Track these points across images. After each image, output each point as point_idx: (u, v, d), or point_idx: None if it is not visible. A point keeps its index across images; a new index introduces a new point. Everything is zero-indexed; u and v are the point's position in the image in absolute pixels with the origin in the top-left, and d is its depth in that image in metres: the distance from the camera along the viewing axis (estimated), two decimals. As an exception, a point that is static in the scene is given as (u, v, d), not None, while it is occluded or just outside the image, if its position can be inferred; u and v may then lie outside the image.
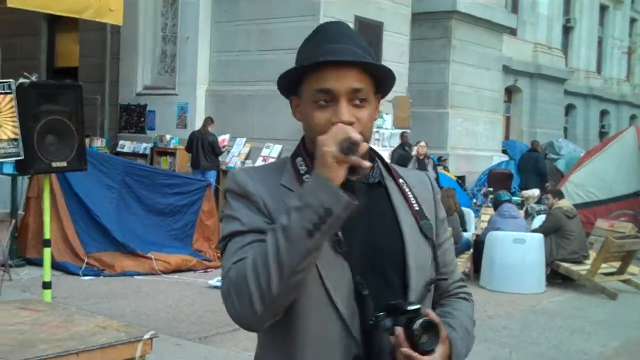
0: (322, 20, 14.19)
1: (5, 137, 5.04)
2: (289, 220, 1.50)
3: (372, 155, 1.74)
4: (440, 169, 15.58)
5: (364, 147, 1.51)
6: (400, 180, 1.77)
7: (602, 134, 34.31)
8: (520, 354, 6.56)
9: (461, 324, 1.77)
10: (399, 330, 1.56)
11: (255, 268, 1.51)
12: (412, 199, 1.76)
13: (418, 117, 17.60)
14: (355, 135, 1.51)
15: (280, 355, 1.66)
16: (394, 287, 1.67)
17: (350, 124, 1.59)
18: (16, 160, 5.27)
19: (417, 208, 1.75)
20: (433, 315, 1.59)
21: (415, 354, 1.54)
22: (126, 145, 15.84)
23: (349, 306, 1.61)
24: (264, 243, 1.53)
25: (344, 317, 1.61)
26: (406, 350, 1.54)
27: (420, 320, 1.56)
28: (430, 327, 1.57)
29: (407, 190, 1.76)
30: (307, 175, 1.67)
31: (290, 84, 1.72)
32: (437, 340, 1.58)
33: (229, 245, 1.62)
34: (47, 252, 5.53)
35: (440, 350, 1.59)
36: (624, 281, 9.53)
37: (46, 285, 5.50)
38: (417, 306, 1.58)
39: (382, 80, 1.70)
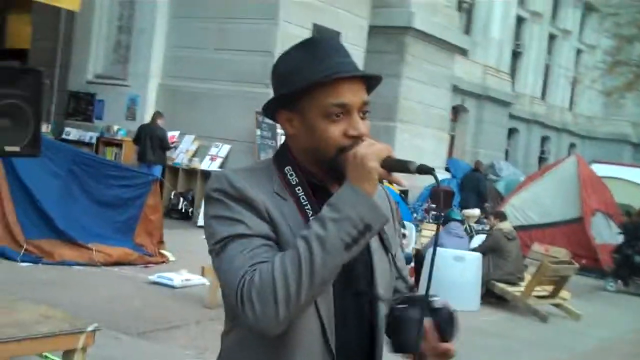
0: (281, 24, 14.26)
1: (-42, 118, 4.96)
2: (325, 231, 1.51)
3: None
4: (384, 182, 15.75)
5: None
6: None
7: (542, 160, 35.14)
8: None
9: None
10: (429, 321, 1.64)
11: (285, 273, 1.51)
12: None
13: (366, 128, 17.74)
14: (394, 154, 1.60)
15: (262, 358, 1.67)
16: (363, 298, 1.73)
17: (366, 135, 1.65)
18: (-32, 142, 5.18)
19: None
20: (452, 309, 1.70)
21: (446, 344, 1.68)
22: (72, 133, 15.62)
23: (330, 319, 1.66)
24: (294, 250, 1.53)
25: (325, 329, 1.65)
26: (441, 344, 1.67)
27: (446, 313, 1.67)
28: (453, 320, 1.69)
29: None
30: (298, 188, 1.69)
31: (281, 99, 1.72)
32: (455, 329, 1.70)
33: (231, 247, 1.59)
34: (-10, 236, 5.45)
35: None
36: (556, 305, 9.81)
37: (-14, 270, 5.42)
38: (439, 299, 1.69)
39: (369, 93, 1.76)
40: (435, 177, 1.61)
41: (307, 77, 1.66)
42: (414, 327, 1.63)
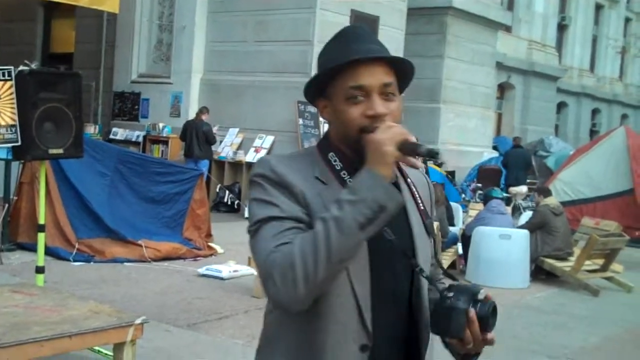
0: (319, 13, 14.29)
1: (3, 123, 5.13)
2: (341, 212, 1.58)
3: None
4: (430, 163, 15.70)
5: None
6: (409, 180, 1.89)
7: (593, 133, 34.54)
8: (502, 347, 6.70)
9: None
10: (473, 313, 1.68)
11: (303, 253, 1.58)
12: (419, 198, 1.88)
13: (410, 111, 17.71)
14: (412, 137, 1.64)
15: (299, 336, 1.75)
16: (402, 280, 1.81)
17: (385, 115, 1.71)
18: (13, 146, 5.36)
19: (422, 207, 1.87)
20: (495, 302, 1.74)
21: (488, 334, 1.71)
22: (119, 133, 15.94)
23: (365, 298, 1.73)
24: (313, 230, 1.61)
25: (361, 307, 1.72)
26: (481, 334, 1.71)
27: (490, 306, 1.71)
28: (495, 312, 1.73)
29: (414, 190, 1.88)
30: (343, 172, 1.77)
31: (317, 88, 1.81)
32: (495, 321, 1.74)
33: (264, 228, 1.68)
34: (41, 237, 5.61)
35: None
36: (607, 278, 9.68)
37: (39, 270, 5.59)
38: (484, 291, 1.73)
39: (404, 76, 1.82)
40: (437, 161, 1.69)
41: (330, 65, 1.76)
42: (461, 316, 1.69)
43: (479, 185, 16.37)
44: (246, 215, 12.88)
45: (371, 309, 1.73)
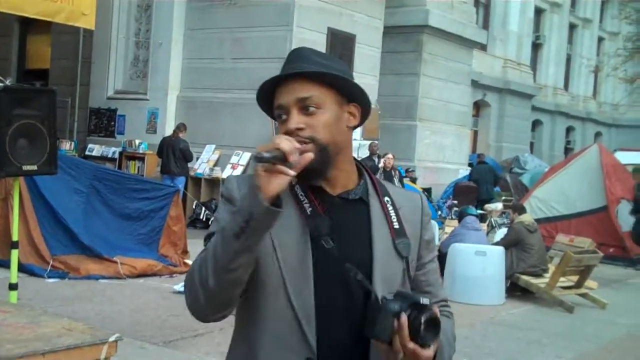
0: (296, 30, 14.35)
1: (-24, 140, 5.10)
2: (226, 223, 1.64)
3: (362, 172, 1.87)
4: (406, 180, 15.77)
5: (293, 157, 1.58)
6: (386, 199, 1.85)
7: (568, 150, 34.92)
8: (477, 363, 6.73)
9: (445, 334, 1.82)
10: (404, 317, 1.63)
11: (200, 264, 1.67)
12: (394, 217, 1.83)
13: (387, 128, 17.83)
14: (284, 145, 1.57)
15: (243, 351, 1.79)
16: (355, 297, 1.75)
17: (299, 129, 1.70)
18: (-14, 163, 5.32)
19: (396, 227, 1.82)
20: (438, 314, 1.66)
21: (413, 345, 1.62)
22: (95, 149, 15.86)
23: (307, 311, 1.71)
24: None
25: (300, 320, 1.71)
26: (409, 343, 1.62)
27: (428, 314, 1.62)
28: (433, 324, 1.64)
29: (390, 208, 1.84)
30: (297, 186, 1.77)
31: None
32: (435, 338, 1.65)
33: (208, 244, 1.74)
34: (14, 253, 5.57)
35: (433, 347, 1.66)
36: (582, 295, 9.75)
37: (12, 287, 5.54)
38: (428, 301, 1.65)
39: (344, 88, 1.78)
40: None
41: None
42: (388, 318, 1.64)
43: (455, 202, 16.46)
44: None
45: (316, 322, 1.71)
